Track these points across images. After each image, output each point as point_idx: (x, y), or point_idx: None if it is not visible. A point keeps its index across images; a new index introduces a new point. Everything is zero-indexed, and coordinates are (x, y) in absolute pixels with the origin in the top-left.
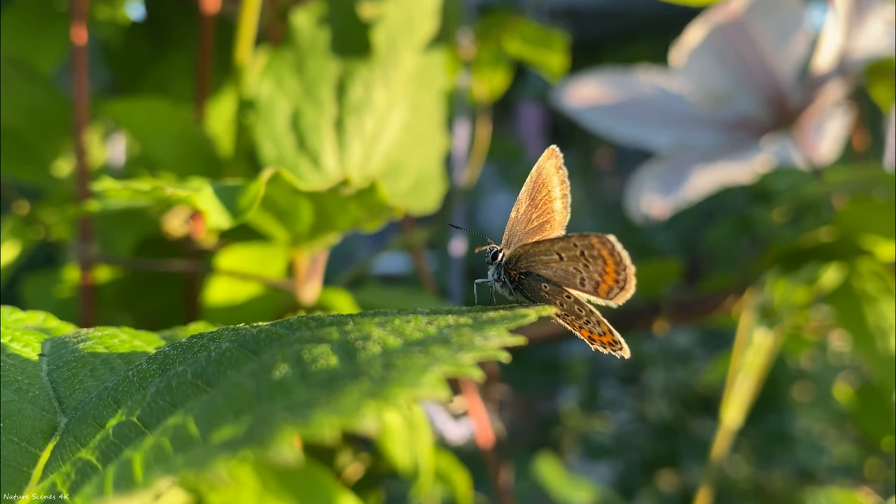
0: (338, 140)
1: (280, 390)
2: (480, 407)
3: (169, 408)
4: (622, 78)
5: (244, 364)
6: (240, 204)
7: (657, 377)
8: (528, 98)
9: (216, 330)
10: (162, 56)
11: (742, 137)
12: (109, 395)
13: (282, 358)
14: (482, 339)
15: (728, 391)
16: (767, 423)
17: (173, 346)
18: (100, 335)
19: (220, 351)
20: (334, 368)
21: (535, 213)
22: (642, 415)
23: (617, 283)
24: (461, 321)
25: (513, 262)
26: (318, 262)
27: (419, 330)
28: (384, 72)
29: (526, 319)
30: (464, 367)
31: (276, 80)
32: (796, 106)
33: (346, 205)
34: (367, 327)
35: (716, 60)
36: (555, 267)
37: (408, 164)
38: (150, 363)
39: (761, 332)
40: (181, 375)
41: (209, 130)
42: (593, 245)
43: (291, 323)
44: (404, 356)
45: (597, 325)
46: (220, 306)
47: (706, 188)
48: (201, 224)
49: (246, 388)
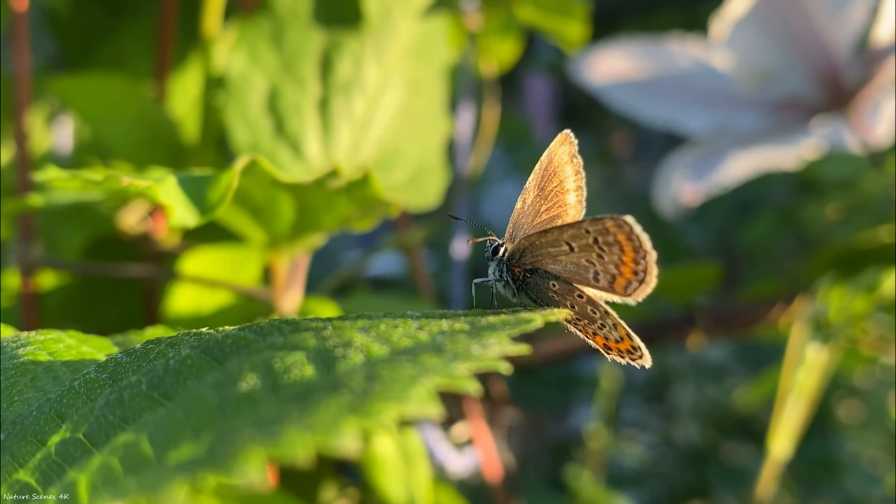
0: (322, 124)
1: (247, 404)
2: (487, 434)
3: (120, 423)
4: (652, 48)
5: (206, 374)
6: (209, 198)
7: (686, 395)
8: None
9: (175, 335)
10: (116, 25)
11: (789, 119)
12: (52, 408)
13: (250, 367)
14: (480, 348)
15: (776, 416)
16: (812, 447)
17: (126, 352)
18: (42, 339)
19: (179, 359)
20: (310, 380)
21: (544, 205)
22: (669, 438)
23: (636, 274)
24: (456, 327)
25: (516, 258)
26: (300, 267)
27: (408, 336)
28: (376, 44)
29: (531, 325)
30: (458, 379)
31: (250, 53)
32: (852, 84)
33: (334, 200)
34: (349, 333)
35: (762, 33)
36: (564, 260)
37: (404, 151)
38: (99, 372)
39: (815, 348)
40: (134, 386)
41: (171, 112)
42: (608, 229)
43: (262, 327)
44: (390, 366)
45: (613, 330)
46: (183, 318)
47: (743, 174)
48: (162, 222)
49: (208, 402)
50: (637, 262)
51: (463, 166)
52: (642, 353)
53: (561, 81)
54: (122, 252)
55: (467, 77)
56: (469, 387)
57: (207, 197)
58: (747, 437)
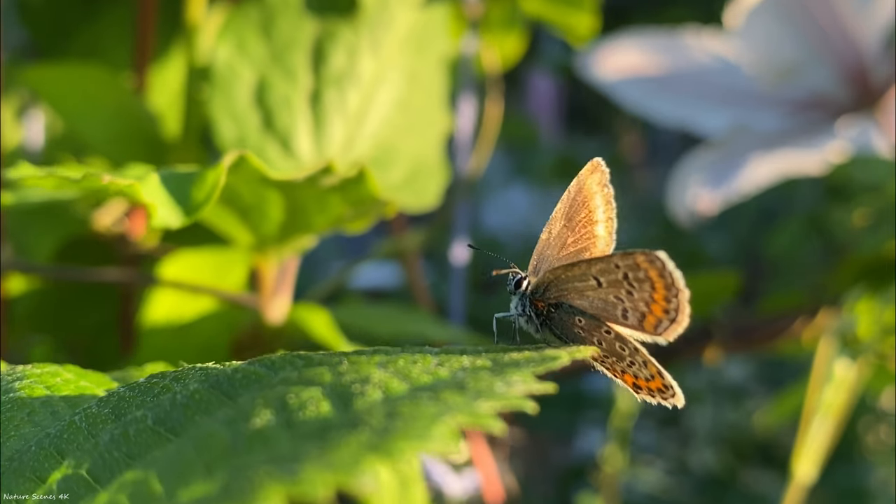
0: (314, 118)
1: (260, 441)
2: (488, 455)
3: (125, 460)
4: (666, 42)
5: (216, 409)
6: (194, 197)
7: (703, 418)
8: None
9: (180, 369)
10: (93, 12)
11: (813, 120)
12: (52, 443)
13: (263, 403)
14: (504, 386)
15: (801, 437)
16: (838, 474)
17: (129, 387)
18: (39, 373)
19: (186, 393)
20: (326, 416)
21: (571, 237)
22: (684, 464)
23: (667, 313)
24: (478, 363)
25: (540, 292)
26: (288, 271)
27: (428, 373)
28: (372, 35)
29: (556, 363)
30: (482, 418)
31: (237, 43)
32: (881, 82)
33: (327, 199)
34: (366, 368)
35: (783, 23)
36: (591, 296)
37: (401, 149)
38: (101, 407)
39: (843, 364)
40: (140, 422)
41: (152, 105)
42: (639, 265)
43: (273, 361)
44: (411, 404)
45: (643, 368)
46: (163, 326)
47: (765, 180)
48: (140, 223)
49: (220, 438)
50: (668, 301)
51: (463, 166)
52: (675, 391)
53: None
54: (97, 255)
55: (468, 72)
56: (493, 426)
57: (192, 196)
58: (768, 464)
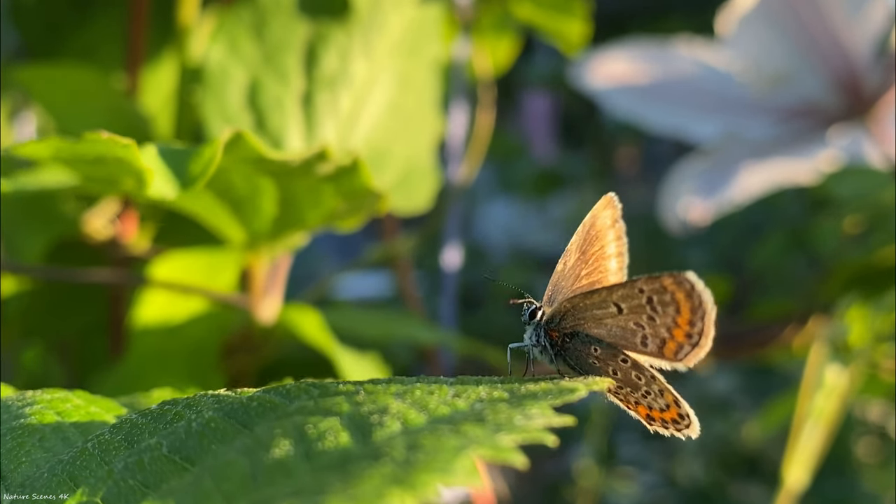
0: (306, 120)
1: (281, 472)
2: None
3: (140, 488)
4: (658, 52)
5: (233, 438)
6: (191, 169)
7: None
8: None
9: (192, 396)
10: (85, 14)
11: (805, 128)
12: (64, 470)
13: (281, 433)
14: (523, 419)
15: (791, 444)
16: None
17: (141, 413)
18: (49, 398)
19: (201, 422)
20: (346, 447)
21: (584, 269)
22: (670, 477)
23: (689, 337)
24: (495, 395)
25: (556, 322)
26: (280, 270)
27: (446, 404)
28: (365, 37)
29: (574, 395)
30: (504, 451)
31: (229, 44)
32: (872, 90)
33: (321, 190)
34: (383, 399)
35: (775, 31)
36: (610, 324)
37: (393, 151)
38: (113, 434)
39: (834, 371)
40: (154, 449)
41: (143, 106)
42: (665, 287)
43: (288, 390)
44: (432, 436)
45: (659, 397)
46: (154, 327)
47: (757, 189)
48: (131, 225)
49: (239, 468)
50: (693, 324)
51: (454, 172)
52: (690, 421)
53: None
54: (87, 257)
55: (460, 77)
56: (516, 460)
57: (189, 168)
58: (756, 476)
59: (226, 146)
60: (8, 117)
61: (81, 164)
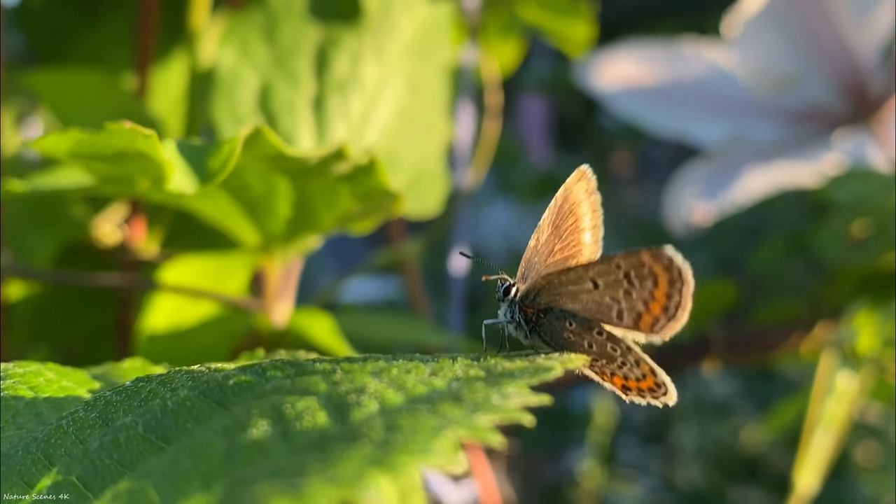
0: (317, 123)
1: (258, 452)
2: (485, 465)
3: (117, 467)
4: (663, 53)
5: (209, 418)
6: (210, 165)
7: (688, 435)
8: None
9: (166, 373)
10: (94, 17)
11: (810, 131)
12: (39, 448)
13: (258, 413)
14: (500, 398)
15: (802, 449)
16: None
17: (115, 391)
18: (22, 372)
19: (177, 400)
20: (324, 428)
21: (558, 244)
22: (670, 481)
23: (666, 311)
24: (472, 373)
25: (530, 298)
26: (292, 274)
27: (423, 383)
28: (376, 41)
29: (550, 374)
30: (482, 431)
31: (240, 47)
32: (877, 94)
33: (336, 191)
34: (360, 378)
35: (781, 34)
36: (585, 299)
37: (403, 155)
38: (88, 411)
39: (845, 376)
40: (130, 428)
41: (153, 110)
42: (643, 262)
43: (263, 367)
44: (410, 416)
45: (635, 367)
46: (163, 332)
47: (760, 191)
48: (140, 229)
49: (216, 449)
50: (670, 297)
51: (462, 176)
52: (667, 388)
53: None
54: (96, 261)
55: (467, 80)
56: (493, 439)
57: (208, 164)
58: (755, 481)
59: (245, 142)
60: (15, 122)
61: (99, 162)
